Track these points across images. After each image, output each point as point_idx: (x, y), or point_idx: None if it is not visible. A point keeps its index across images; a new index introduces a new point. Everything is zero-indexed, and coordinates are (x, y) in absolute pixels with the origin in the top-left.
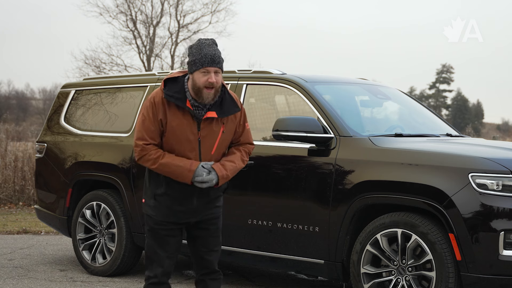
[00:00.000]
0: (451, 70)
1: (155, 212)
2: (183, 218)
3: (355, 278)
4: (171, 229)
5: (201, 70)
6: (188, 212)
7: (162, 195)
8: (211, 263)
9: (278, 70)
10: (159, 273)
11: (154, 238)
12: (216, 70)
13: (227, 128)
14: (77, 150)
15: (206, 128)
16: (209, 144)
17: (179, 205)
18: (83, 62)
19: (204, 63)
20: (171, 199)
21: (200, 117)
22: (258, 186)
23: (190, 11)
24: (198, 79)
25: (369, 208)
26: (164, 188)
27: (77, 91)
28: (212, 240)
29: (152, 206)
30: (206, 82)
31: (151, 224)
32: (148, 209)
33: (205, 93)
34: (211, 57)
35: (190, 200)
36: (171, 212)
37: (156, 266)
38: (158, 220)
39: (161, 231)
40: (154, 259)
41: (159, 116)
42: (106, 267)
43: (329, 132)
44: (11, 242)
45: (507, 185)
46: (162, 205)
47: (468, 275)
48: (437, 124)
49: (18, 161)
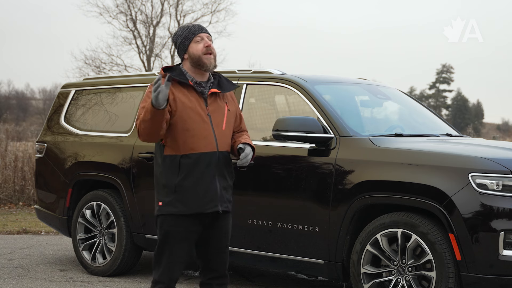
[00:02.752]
0: (451, 70)
1: (178, 207)
2: (209, 207)
3: (355, 278)
4: (190, 231)
5: (194, 39)
6: (214, 199)
7: (182, 185)
8: (222, 265)
9: (278, 70)
10: (169, 279)
11: (169, 243)
12: (208, 36)
13: (230, 108)
14: (77, 150)
15: (213, 104)
16: (219, 119)
17: (205, 190)
18: (83, 62)
19: (195, 32)
20: (194, 186)
21: (205, 93)
22: (258, 186)
23: (190, 11)
24: (195, 48)
25: (369, 208)
26: (184, 173)
27: (77, 91)
28: (225, 240)
29: (174, 201)
30: (203, 48)
31: (168, 225)
32: (167, 208)
33: (205, 59)
34: (199, 26)
35: (214, 184)
36: (196, 202)
37: (166, 272)
38: (177, 218)
39: (177, 235)
40: (164, 265)
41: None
42: (106, 267)
43: (329, 132)
44: (11, 242)
45: (507, 185)
46: (184, 196)
47: (468, 275)
48: (437, 124)
49: (18, 161)
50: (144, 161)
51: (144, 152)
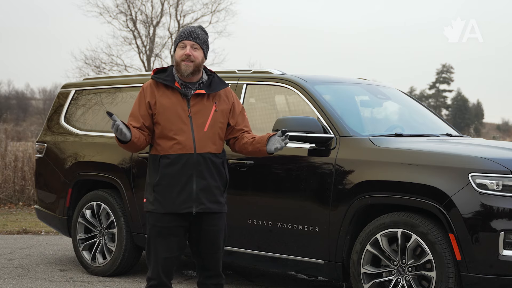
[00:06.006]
0: (451, 70)
1: (155, 205)
2: (184, 207)
3: (355, 278)
4: (174, 226)
5: (179, 44)
6: (189, 200)
7: (159, 184)
8: (215, 265)
9: (278, 70)
10: (158, 275)
11: (154, 237)
12: (193, 44)
13: (219, 107)
14: (77, 150)
15: (196, 105)
16: (202, 121)
17: (179, 191)
18: (83, 62)
19: (181, 37)
20: (170, 186)
21: (189, 95)
22: (258, 186)
23: (190, 11)
24: (177, 53)
25: (369, 208)
26: (162, 173)
27: (77, 91)
28: (216, 241)
29: (152, 201)
30: (182, 56)
31: (152, 222)
32: (148, 205)
33: (182, 65)
34: (188, 32)
35: (189, 185)
36: (171, 202)
37: (155, 268)
38: (159, 215)
39: (162, 230)
40: (153, 260)
41: (146, 99)
42: (106, 267)
43: (329, 132)
44: (11, 242)
45: (507, 185)
46: (161, 195)
47: (468, 275)
48: (437, 124)
49: (18, 161)
50: (144, 161)
51: (144, 152)
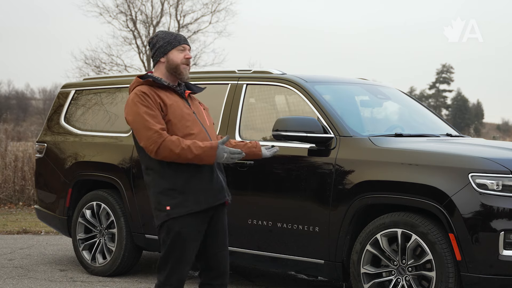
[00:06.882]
0: (451, 70)
1: (187, 206)
2: (219, 198)
3: (355, 278)
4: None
5: (178, 47)
6: (222, 190)
7: (188, 183)
8: (223, 262)
9: (278, 70)
10: (177, 281)
11: (180, 244)
12: (189, 49)
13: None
14: (77, 150)
15: (192, 104)
16: (202, 117)
17: (210, 184)
18: (83, 62)
19: (180, 41)
20: (200, 181)
21: (183, 94)
22: (258, 186)
23: (190, 11)
24: (176, 56)
25: (369, 208)
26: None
27: (77, 91)
28: (224, 236)
29: (183, 201)
30: (183, 59)
31: (179, 227)
32: (176, 210)
33: (183, 68)
34: (184, 36)
35: (216, 176)
36: (206, 196)
37: (174, 273)
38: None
39: (189, 235)
40: (173, 267)
41: (157, 100)
42: (106, 267)
43: (329, 132)
44: (11, 242)
45: (507, 185)
46: (193, 192)
47: (468, 275)
48: (437, 124)
49: (18, 161)
50: None
51: None
